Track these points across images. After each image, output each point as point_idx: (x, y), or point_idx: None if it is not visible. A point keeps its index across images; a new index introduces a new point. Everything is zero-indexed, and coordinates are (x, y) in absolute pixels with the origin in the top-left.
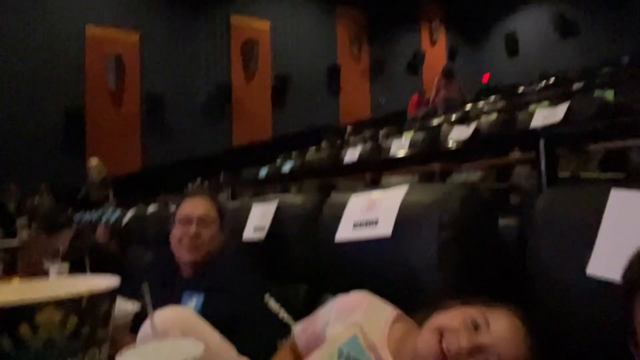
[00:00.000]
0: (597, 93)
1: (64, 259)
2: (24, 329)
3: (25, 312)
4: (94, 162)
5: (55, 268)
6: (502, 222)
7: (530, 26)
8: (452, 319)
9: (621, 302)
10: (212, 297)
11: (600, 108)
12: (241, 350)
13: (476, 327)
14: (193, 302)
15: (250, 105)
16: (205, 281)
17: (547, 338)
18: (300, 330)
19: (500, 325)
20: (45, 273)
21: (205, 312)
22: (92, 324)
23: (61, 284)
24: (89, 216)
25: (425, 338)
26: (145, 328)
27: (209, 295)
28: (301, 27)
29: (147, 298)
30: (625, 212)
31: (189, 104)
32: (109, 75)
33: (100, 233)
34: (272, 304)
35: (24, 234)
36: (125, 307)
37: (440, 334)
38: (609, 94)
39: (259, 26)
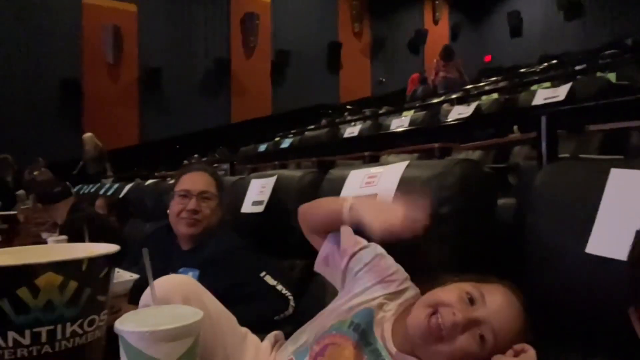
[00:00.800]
0: (600, 75)
1: (62, 231)
2: (24, 292)
3: (25, 275)
4: (87, 136)
5: (53, 239)
6: (500, 201)
7: (534, 6)
8: (448, 294)
9: (629, 273)
10: (208, 272)
11: (602, 90)
12: (239, 324)
13: (472, 301)
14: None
15: (250, 80)
16: (203, 255)
17: (543, 314)
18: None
19: (495, 300)
20: (44, 244)
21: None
22: (91, 289)
23: (60, 250)
24: (86, 189)
25: (417, 313)
26: (146, 296)
27: (205, 270)
28: (302, 2)
29: (147, 263)
30: (625, 191)
31: (187, 77)
32: (106, 46)
33: (100, 205)
34: (269, 278)
35: (22, 206)
36: (124, 276)
37: (435, 308)
38: (611, 76)
39: None
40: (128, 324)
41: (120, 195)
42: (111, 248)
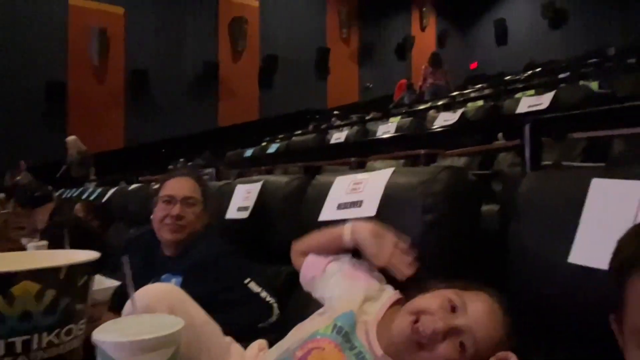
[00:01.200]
0: (583, 83)
1: (42, 236)
2: None
3: (1, 283)
4: (71, 139)
5: (33, 245)
6: (485, 208)
7: (519, 15)
8: (430, 301)
9: (611, 282)
10: (192, 278)
11: (585, 98)
12: (223, 330)
13: (453, 309)
14: (172, 283)
15: (237, 85)
16: (186, 261)
17: (526, 321)
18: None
19: (477, 308)
20: (23, 250)
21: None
22: (69, 298)
23: (39, 256)
24: (69, 193)
25: (401, 321)
26: (129, 305)
27: (188, 277)
28: (291, 7)
29: (127, 271)
30: (606, 201)
31: (174, 81)
32: (92, 49)
33: (78, 209)
34: (253, 285)
35: (1, 210)
36: (105, 283)
37: (417, 316)
38: (594, 85)
39: (248, 2)
40: (106, 334)
41: (103, 200)
42: (91, 255)
